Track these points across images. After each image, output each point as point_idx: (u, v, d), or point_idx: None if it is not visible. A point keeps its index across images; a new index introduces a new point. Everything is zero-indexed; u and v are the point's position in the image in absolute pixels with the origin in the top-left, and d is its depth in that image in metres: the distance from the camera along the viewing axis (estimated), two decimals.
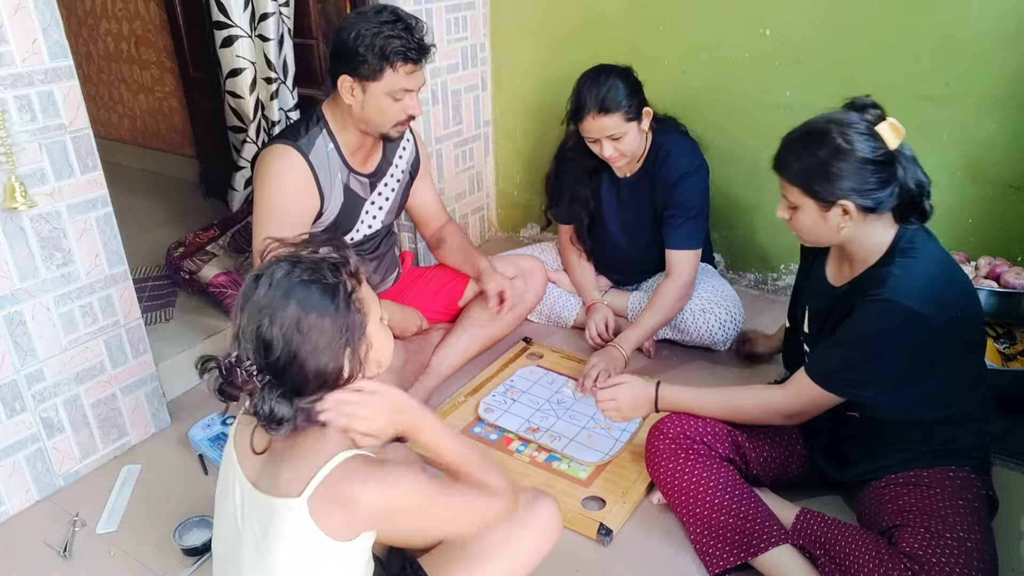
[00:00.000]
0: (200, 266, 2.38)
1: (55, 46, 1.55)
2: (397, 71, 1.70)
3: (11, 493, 1.70)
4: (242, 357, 0.98)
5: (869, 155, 1.33)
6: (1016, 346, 1.94)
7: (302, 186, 1.79)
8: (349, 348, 1.01)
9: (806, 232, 1.46)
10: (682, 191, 2.12)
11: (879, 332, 1.37)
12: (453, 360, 2.14)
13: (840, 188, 1.34)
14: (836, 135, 1.34)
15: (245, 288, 1.01)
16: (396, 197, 2.04)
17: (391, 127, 1.79)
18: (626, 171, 2.23)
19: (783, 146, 1.43)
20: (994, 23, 1.98)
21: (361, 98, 1.74)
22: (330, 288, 0.99)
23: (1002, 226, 2.14)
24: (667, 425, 1.62)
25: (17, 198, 1.52)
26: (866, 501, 1.51)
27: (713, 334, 2.17)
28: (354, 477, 1.00)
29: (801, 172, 1.38)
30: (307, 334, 0.97)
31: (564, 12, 2.64)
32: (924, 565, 1.29)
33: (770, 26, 2.29)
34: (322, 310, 0.98)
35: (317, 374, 0.99)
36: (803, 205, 1.41)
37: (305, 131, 1.81)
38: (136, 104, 3.64)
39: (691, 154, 2.16)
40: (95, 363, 1.79)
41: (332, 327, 0.98)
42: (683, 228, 2.14)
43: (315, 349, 0.98)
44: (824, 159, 1.34)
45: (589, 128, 2.06)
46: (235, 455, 1.10)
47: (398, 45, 1.67)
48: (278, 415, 0.98)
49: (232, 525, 1.10)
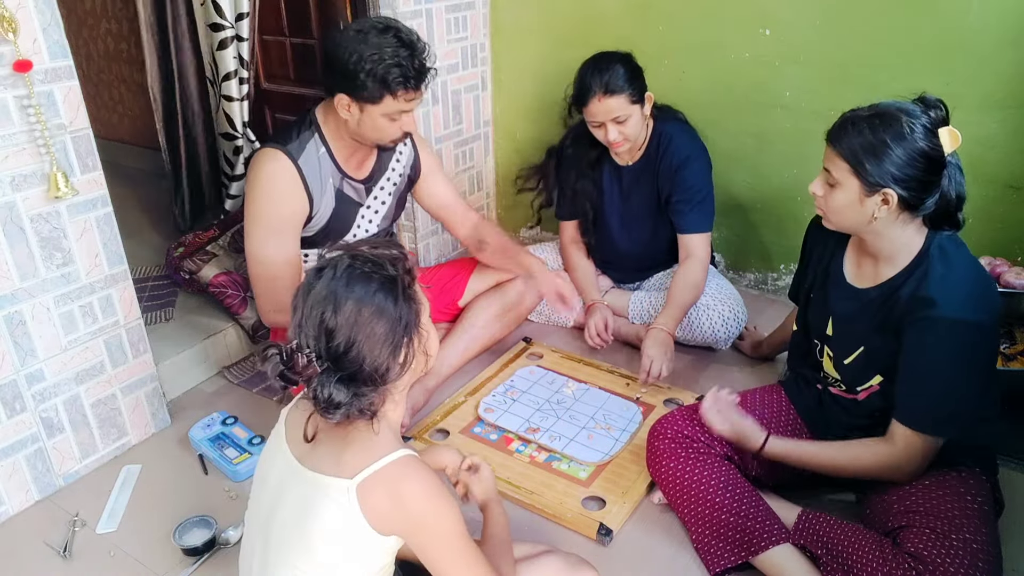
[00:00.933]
0: (200, 266, 2.38)
1: (55, 46, 1.55)
2: (397, 98, 1.70)
3: (11, 493, 1.70)
4: (303, 344, 1.03)
5: (924, 147, 1.32)
6: (1016, 346, 1.94)
7: (290, 191, 1.80)
8: (406, 337, 1.06)
9: (836, 212, 1.43)
10: (687, 175, 2.15)
11: (956, 354, 1.34)
12: (453, 360, 2.14)
13: (890, 174, 1.33)
14: (904, 122, 1.33)
15: (308, 279, 1.06)
16: (392, 202, 2.04)
17: (386, 141, 1.81)
18: (627, 159, 2.25)
19: (844, 120, 1.40)
20: (994, 23, 1.98)
21: (358, 116, 1.75)
22: (390, 281, 1.05)
23: (1002, 226, 2.14)
24: (667, 424, 1.62)
25: (61, 187, 1.58)
26: (871, 501, 1.51)
27: (716, 332, 2.17)
28: (413, 476, 1.06)
29: (857, 148, 1.35)
30: (368, 323, 1.02)
31: (564, 12, 2.64)
32: (928, 565, 1.29)
33: (770, 26, 2.29)
34: (382, 301, 1.03)
35: (374, 362, 1.03)
36: (845, 184, 1.38)
37: (297, 135, 1.82)
38: (136, 104, 3.63)
39: (692, 139, 2.20)
40: (95, 363, 1.79)
41: (391, 318, 1.04)
42: (694, 212, 2.17)
43: (374, 338, 1.03)
44: (884, 140, 1.33)
45: (595, 111, 2.07)
46: (284, 433, 1.14)
47: (398, 74, 1.66)
48: (336, 400, 1.02)
49: (270, 500, 1.13)
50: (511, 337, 2.31)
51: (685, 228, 2.19)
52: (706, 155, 2.21)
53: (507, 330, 2.27)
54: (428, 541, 1.08)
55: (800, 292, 1.72)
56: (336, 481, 1.05)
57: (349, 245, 1.10)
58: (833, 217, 1.45)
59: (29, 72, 1.50)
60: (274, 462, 1.15)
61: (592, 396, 2.06)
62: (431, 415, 2.00)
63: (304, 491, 1.08)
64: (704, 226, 2.20)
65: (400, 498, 1.04)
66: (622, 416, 1.96)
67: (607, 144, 2.14)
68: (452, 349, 2.14)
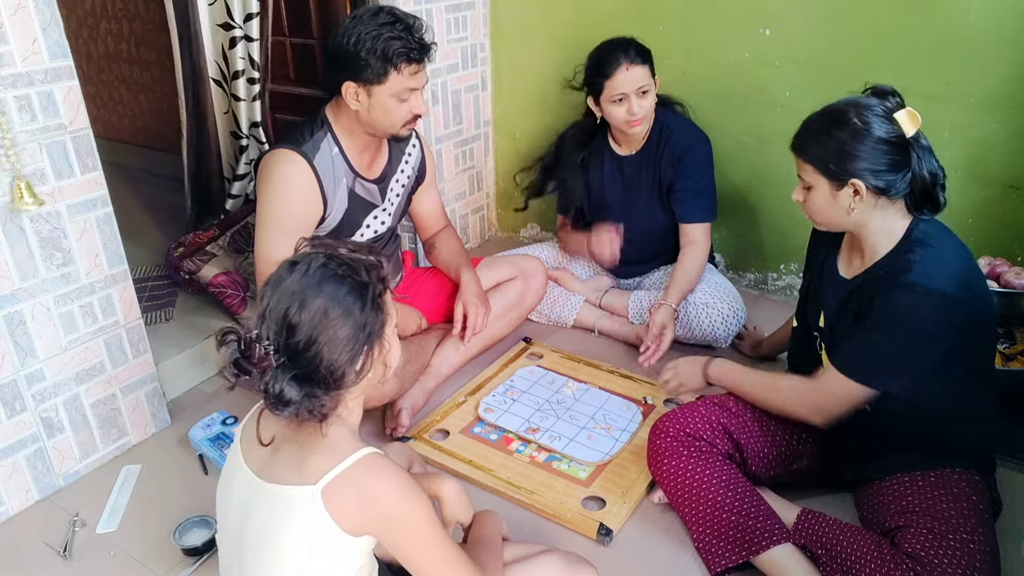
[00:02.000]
0: (200, 266, 2.38)
1: (55, 46, 1.55)
2: (401, 72, 1.69)
3: (11, 493, 1.70)
4: (263, 335, 1.02)
5: (883, 136, 1.35)
6: (1016, 346, 1.93)
7: (306, 192, 1.79)
8: (367, 346, 1.05)
9: (818, 213, 1.47)
10: (689, 164, 2.18)
11: (909, 316, 1.35)
12: (453, 360, 2.14)
13: (853, 167, 1.37)
14: (853, 115, 1.37)
15: (279, 271, 1.05)
16: (400, 202, 2.04)
17: (400, 127, 1.80)
18: (628, 149, 2.27)
19: (802, 127, 1.47)
20: (994, 23, 1.98)
21: (367, 103, 1.74)
22: (361, 286, 1.04)
23: (1002, 226, 2.14)
24: (668, 423, 1.62)
25: (25, 198, 1.53)
26: (869, 501, 1.52)
27: (715, 330, 2.18)
28: (381, 473, 1.05)
29: (816, 150, 1.41)
30: (332, 325, 1.02)
31: (564, 12, 2.64)
32: (927, 566, 1.29)
33: (770, 26, 2.29)
34: (350, 305, 1.03)
35: (330, 364, 1.02)
36: (817, 184, 1.43)
37: (310, 135, 1.81)
38: (136, 104, 3.64)
39: (693, 128, 2.24)
40: (95, 363, 1.79)
41: (356, 323, 1.03)
42: (695, 201, 2.21)
43: (335, 340, 1.02)
44: (839, 138, 1.37)
45: (621, 82, 2.09)
46: (241, 448, 1.13)
47: (400, 46, 1.66)
48: (286, 397, 1.01)
49: (236, 518, 1.12)
50: (511, 337, 2.31)
51: (686, 217, 2.22)
52: (708, 145, 2.24)
53: (507, 330, 2.27)
54: (402, 537, 1.07)
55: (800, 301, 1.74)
56: (299, 490, 1.03)
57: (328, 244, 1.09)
58: (817, 218, 1.50)
59: (8, 76, 1.48)
60: (233, 480, 1.13)
61: (592, 396, 2.06)
62: (431, 415, 2.00)
63: (268, 505, 1.06)
64: (705, 215, 2.23)
65: (369, 497, 1.03)
66: (622, 416, 1.96)
67: (627, 120, 2.14)
68: (452, 349, 2.13)
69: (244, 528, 1.10)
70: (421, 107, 1.77)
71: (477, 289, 2.07)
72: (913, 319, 1.35)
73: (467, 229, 3.02)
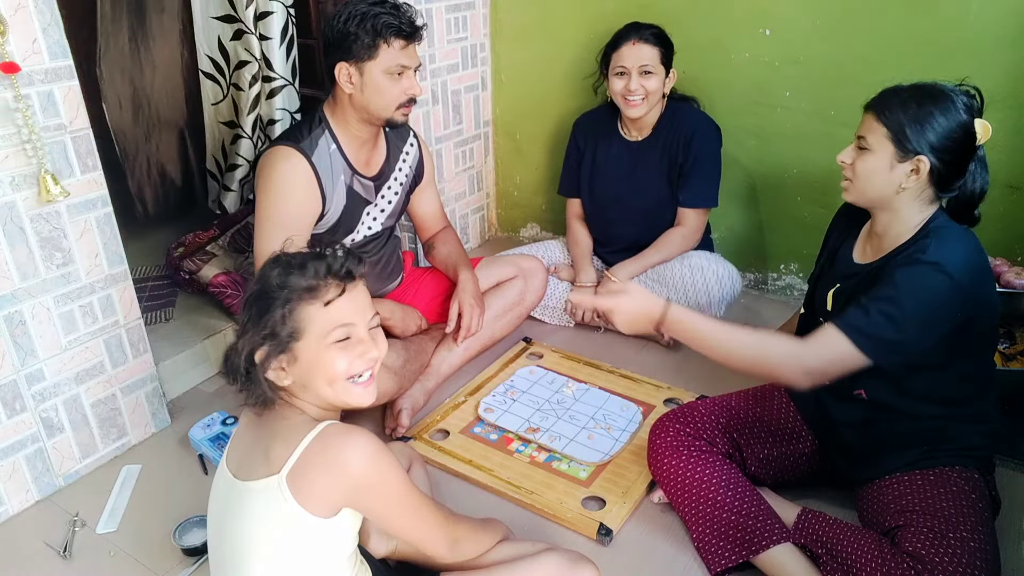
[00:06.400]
0: (200, 266, 2.38)
1: (55, 46, 1.55)
2: (391, 46, 1.72)
3: (11, 493, 1.70)
4: None
5: (965, 126, 1.36)
6: (1016, 346, 1.94)
7: (305, 189, 1.79)
8: (267, 347, 1.07)
9: (864, 179, 1.43)
10: (698, 144, 2.22)
11: (918, 291, 1.34)
12: (453, 360, 2.14)
13: (928, 142, 1.36)
14: (949, 94, 1.37)
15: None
16: (398, 200, 2.04)
17: (394, 110, 1.80)
18: (636, 134, 2.31)
19: (888, 91, 1.44)
20: (994, 23, 1.98)
21: (359, 82, 1.76)
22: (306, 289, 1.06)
23: (1002, 226, 2.14)
24: (669, 422, 1.62)
25: (51, 190, 1.56)
26: (869, 500, 1.51)
27: (711, 290, 2.18)
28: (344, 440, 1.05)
29: (901, 114, 1.38)
30: (251, 315, 1.07)
31: (564, 12, 2.64)
32: (927, 565, 1.29)
33: (770, 26, 2.29)
34: (266, 303, 1.06)
35: (247, 350, 1.08)
36: (879, 149, 1.40)
37: (308, 132, 1.82)
38: None
39: (705, 117, 2.30)
40: (95, 363, 1.79)
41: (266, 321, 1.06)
42: (697, 186, 2.25)
43: (249, 329, 1.07)
44: (930, 110, 1.36)
45: (625, 55, 2.17)
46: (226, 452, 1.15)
47: (389, 19, 1.70)
48: (234, 363, 1.10)
49: (218, 521, 1.13)
50: (511, 337, 2.31)
51: (685, 201, 2.27)
52: (718, 133, 2.28)
53: (507, 330, 2.27)
54: (376, 501, 1.07)
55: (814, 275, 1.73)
56: (264, 482, 1.04)
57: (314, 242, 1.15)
58: (859, 184, 1.45)
59: (16, 75, 1.48)
60: (217, 484, 1.15)
61: (592, 396, 2.06)
62: (431, 415, 2.00)
63: (241, 503, 1.07)
64: (700, 200, 2.26)
65: (336, 465, 1.03)
66: (622, 416, 1.97)
67: (624, 96, 2.20)
68: (452, 348, 2.13)
69: (223, 530, 1.11)
70: (415, 87, 1.78)
71: (474, 290, 2.07)
72: (923, 292, 1.34)
73: (467, 229, 3.02)
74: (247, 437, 1.13)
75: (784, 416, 1.66)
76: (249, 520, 1.05)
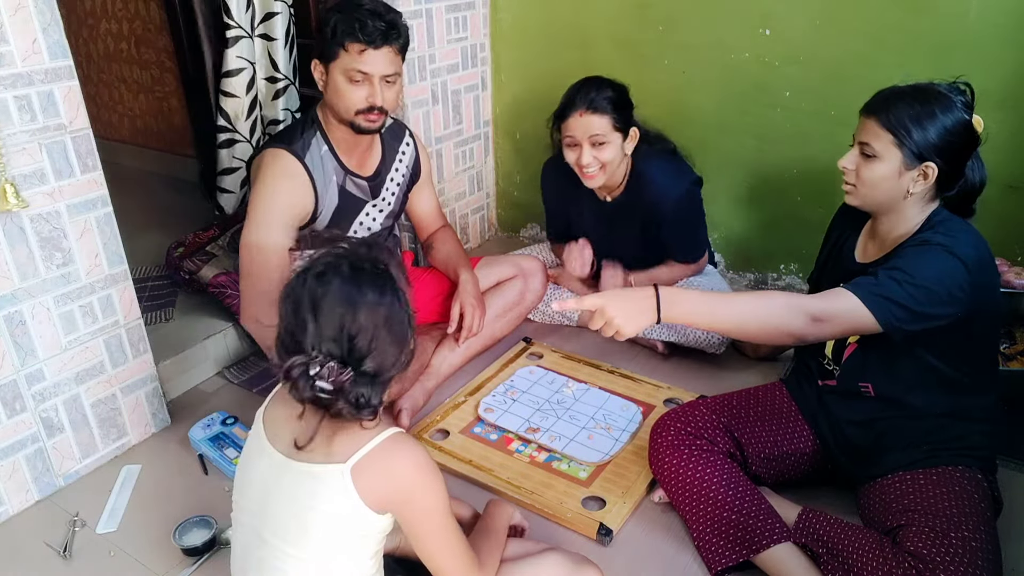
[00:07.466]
0: (200, 266, 2.38)
1: (55, 46, 1.55)
2: (349, 51, 1.71)
3: (11, 493, 1.70)
4: (328, 352, 1.03)
5: (969, 120, 1.35)
6: (1016, 346, 1.94)
7: (298, 188, 1.81)
8: (411, 329, 1.11)
9: (869, 186, 1.42)
10: (666, 212, 2.13)
11: (928, 264, 1.34)
12: (453, 360, 2.14)
13: (934, 145, 1.35)
14: (947, 92, 1.37)
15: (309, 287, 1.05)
16: (396, 201, 2.04)
17: (354, 114, 1.78)
18: (606, 195, 2.23)
19: (886, 93, 1.41)
20: (994, 22, 1.98)
21: (324, 80, 1.78)
22: (386, 276, 1.09)
23: (1002, 226, 2.14)
24: (669, 422, 1.62)
25: (10, 199, 1.53)
26: (871, 499, 1.51)
27: (710, 335, 2.17)
28: (404, 450, 1.11)
29: (904, 117, 1.36)
30: (386, 320, 1.06)
31: (564, 12, 2.64)
32: (928, 564, 1.29)
33: (770, 26, 2.29)
34: (391, 297, 1.08)
35: (395, 354, 1.08)
36: (886, 156, 1.38)
37: (300, 134, 1.83)
38: (136, 104, 3.63)
39: (675, 176, 2.14)
40: (95, 363, 1.79)
41: (401, 309, 1.09)
42: (679, 248, 2.25)
43: (393, 332, 1.07)
44: (932, 110, 1.35)
45: (573, 127, 2.01)
46: (265, 433, 1.15)
47: (352, 24, 1.69)
48: (372, 402, 1.06)
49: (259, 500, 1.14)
50: (511, 337, 2.31)
51: (672, 257, 2.27)
52: (693, 189, 2.17)
53: (507, 329, 2.27)
54: (414, 514, 1.12)
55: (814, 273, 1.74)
56: (329, 467, 1.08)
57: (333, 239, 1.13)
58: (864, 190, 1.43)
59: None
60: (256, 464, 1.16)
61: (592, 396, 2.06)
62: (431, 415, 2.00)
63: (296, 483, 1.10)
64: (688, 258, 2.26)
65: (391, 472, 1.09)
66: (622, 416, 1.96)
67: (577, 169, 2.06)
68: (452, 349, 2.13)
69: (267, 509, 1.13)
70: (375, 96, 1.75)
71: (475, 290, 2.07)
72: (933, 266, 1.34)
73: (467, 229, 3.02)
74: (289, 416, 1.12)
75: (785, 415, 1.66)
76: (309, 499, 1.08)
